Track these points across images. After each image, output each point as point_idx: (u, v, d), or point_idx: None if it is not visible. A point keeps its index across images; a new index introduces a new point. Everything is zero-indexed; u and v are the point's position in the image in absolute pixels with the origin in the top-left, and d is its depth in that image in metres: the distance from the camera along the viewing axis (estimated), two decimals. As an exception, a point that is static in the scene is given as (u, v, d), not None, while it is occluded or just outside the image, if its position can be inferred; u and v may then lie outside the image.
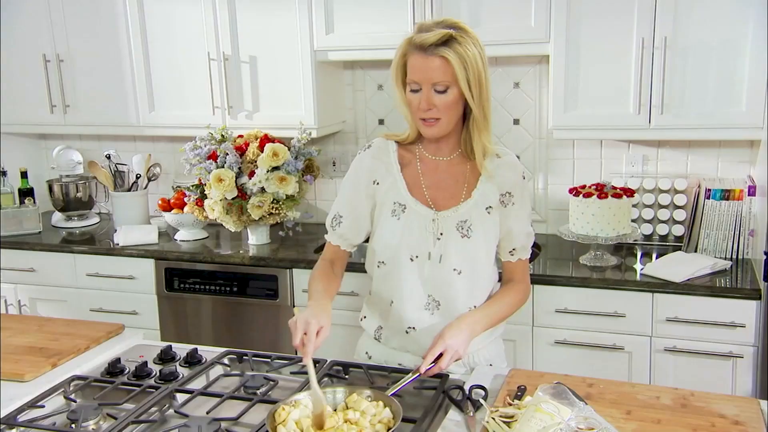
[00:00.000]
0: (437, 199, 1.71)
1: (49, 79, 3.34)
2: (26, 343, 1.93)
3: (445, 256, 1.69)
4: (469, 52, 1.56)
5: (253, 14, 2.98)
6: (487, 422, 1.41)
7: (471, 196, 1.70)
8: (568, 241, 2.72)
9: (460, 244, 1.68)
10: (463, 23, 1.60)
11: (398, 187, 1.71)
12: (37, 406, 1.59)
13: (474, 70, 1.56)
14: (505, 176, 1.71)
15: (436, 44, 1.55)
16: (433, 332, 1.69)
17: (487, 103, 1.64)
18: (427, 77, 1.58)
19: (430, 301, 1.73)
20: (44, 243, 3.25)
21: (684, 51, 2.50)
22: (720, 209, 2.64)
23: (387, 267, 1.74)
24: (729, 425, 1.40)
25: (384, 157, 1.74)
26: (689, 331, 2.41)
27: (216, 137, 3.00)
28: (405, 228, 1.70)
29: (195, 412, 1.53)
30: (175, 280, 3.03)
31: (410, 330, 1.75)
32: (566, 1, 2.58)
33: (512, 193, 1.71)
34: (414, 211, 1.69)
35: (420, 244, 1.69)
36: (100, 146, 3.67)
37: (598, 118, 2.64)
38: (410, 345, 1.77)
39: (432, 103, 1.60)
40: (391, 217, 1.71)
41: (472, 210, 1.69)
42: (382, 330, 1.81)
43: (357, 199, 1.75)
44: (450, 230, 1.69)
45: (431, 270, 1.70)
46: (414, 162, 1.73)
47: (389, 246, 1.72)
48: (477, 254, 1.70)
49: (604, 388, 1.57)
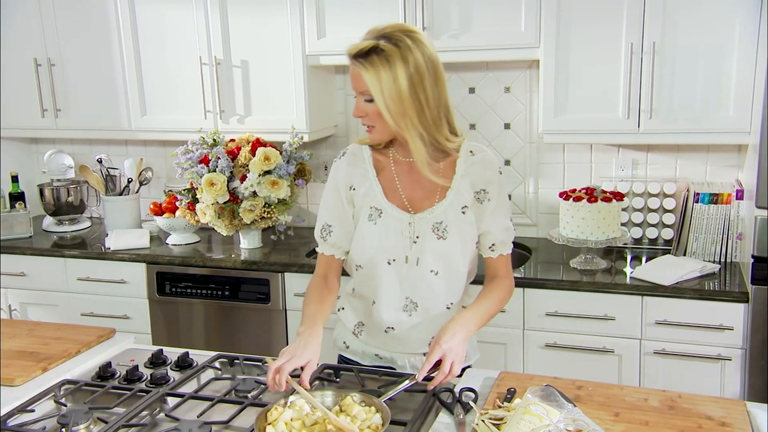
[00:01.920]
0: (414, 200, 1.71)
1: (40, 83, 3.33)
2: (16, 348, 1.92)
3: (422, 258, 1.70)
4: (389, 68, 1.53)
5: (245, 19, 2.98)
6: (476, 424, 1.41)
7: (446, 197, 1.70)
8: (559, 245, 2.73)
9: (436, 245, 1.69)
10: (410, 30, 1.59)
11: (375, 192, 1.72)
12: (27, 410, 1.58)
13: (389, 86, 1.54)
14: (478, 173, 1.70)
15: (356, 56, 1.56)
16: (412, 332, 1.74)
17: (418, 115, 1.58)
18: (357, 86, 1.60)
19: (408, 303, 1.75)
20: (35, 247, 3.24)
21: (672, 56, 2.52)
22: (708, 213, 2.66)
23: (365, 270, 1.76)
24: (716, 426, 1.41)
25: (359, 162, 1.74)
26: (678, 334, 2.43)
27: (208, 141, 3.00)
28: (381, 233, 1.71)
29: (186, 416, 1.52)
30: (167, 284, 3.03)
31: (389, 330, 1.78)
32: (556, 6, 2.59)
33: (487, 189, 1.71)
34: (390, 216, 1.70)
35: (397, 248, 1.71)
36: (91, 150, 3.66)
37: (588, 123, 2.66)
38: (389, 344, 1.80)
39: (363, 111, 1.62)
40: (368, 221, 1.72)
41: (448, 211, 1.69)
42: (363, 326, 1.83)
43: (341, 206, 1.76)
44: (426, 233, 1.69)
45: (408, 273, 1.72)
46: (389, 166, 1.74)
47: (367, 251, 1.73)
48: (452, 254, 1.71)
49: (592, 391, 1.58)
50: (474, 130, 3.13)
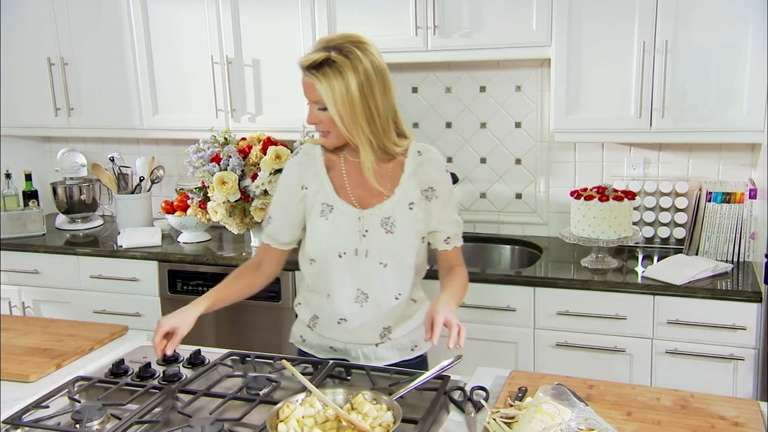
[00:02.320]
0: (362, 198, 1.80)
1: (53, 82, 3.36)
2: (31, 344, 1.95)
3: (371, 251, 1.78)
4: (341, 78, 1.62)
5: (257, 18, 3.00)
6: (488, 423, 1.42)
7: (394, 194, 1.79)
8: (570, 244, 2.73)
9: (385, 239, 1.78)
10: (359, 40, 1.67)
11: (326, 189, 1.80)
12: (41, 406, 1.60)
13: (342, 95, 1.63)
14: (426, 172, 1.80)
15: (309, 67, 1.64)
16: (363, 323, 1.83)
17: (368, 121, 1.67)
18: (309, 96, 1.69)
19: (359, 294, 1.82)
20: (48, 245, 3.27)
21: (685, 54, 2.51)
22: (721, 212, 2.65)
23: (318, 264, 1.83)
24: (729, 426, 1.41)
25: (311, 162, 1.83)
26: (690, 334, 2.42)
27: (219, 140, 3.01)
28: (333, 227, 1.79)
29: (198, 413, 1.54)
30: (178, 282, 3.05)
31: (342, 321, 1.85)
32: (568, 4, 2.59)
33: (435, 188, 1.80)
34: (341, 211, 1.79)
35: (347, 241, 1.79)
36: (103, 149, 3.69)
37: (600, 121, 2.65)
38: (342, 335, 1.87)
39: (317, 119, 1.71)
40: (320, 217, 1.80)
41: (395, 207, 1.78)
42: (317, 320, 1.91)
43: (284, 203, 1.85)
44: (375, 227, 1.78)
45: (359, 265, 1.80)
46: (339, 165, 1.82)
47: (319, 245, 1.81)
48: (400, 248, 1.80)
49: (604, 390, 1.58)
50: (485, 128, 3.13)
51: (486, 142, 3.14)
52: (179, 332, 1.70)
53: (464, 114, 3.14)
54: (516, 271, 2.79)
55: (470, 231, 3.23)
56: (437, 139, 3.19)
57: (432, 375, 1.61)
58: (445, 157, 3.15)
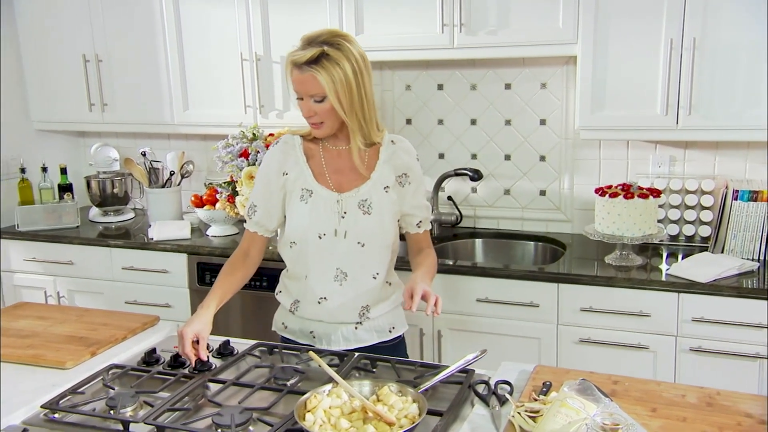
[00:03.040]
0: (341, 183, 1.91)
1: (88, 79, 3.42)
2: (67, 333, 2.00)
3: (349, 231, 1.89)
4: (339, 68, 1.75)
5: (285, 16, 3.03)
6: (512, 416, 1.42)
7: (370, 178, 1.91)
8: (594, 241, 2.72)
9: (362, 220, 1.89)
10: (342, 34, 1.80)
11: (305, 175, 1.91)
12: (77, 392, 1.65)
13: (342, 83, 1.76)
14: (399, 159, 1.94)
15: (307, 62, 1.75)
16: (342, 302, 1.93)
17: (361, 108, 1.82)
18: (305, 90, 1.79)
19: (338, 273, 1.92)
20: (82, 237, 3.33)
21: (713, 52, 2.49)
22: (747, 210, 2.63)
23: (298, 246, 1.93)
24: (755, 425, 1.39)
25: (291, 150, 1.94)
26: (715, 332, 2.41)
27: (248, 135, 3.04)
28: (312, 210, 1.89)
29: (227, 402, 1.57)
30: (207, 275, 3.09)
31: (322, 300, 1.94)
32: (594, 2, 2.58)
33: (408, 174, 1.95)
34: (320, 195, 1.89)
35: (326, 223, 1.89)
36: (135, 144, 3.75)
37: (625, 119, 2.64)
38: (322, 314, 1.96)
39: (313, 111, 1.81)
40: (300, 201, 1.90)
41: (372, 190, 1.90)
42: (298, 303, 1.99)
43: (268, 190, 1.94)
44: (353, 209, 1.89)
45: (338, 245, 1.90)
46: (318, 153, 1.93)
47: (299, 227, 1.91)
48: (377, 228, 1.91)
49: (629, 386, 1.57)
50: (509, 126, 3.13)
51: (511, 139, 3.15)
52: (203, 336, 1.78)
53: (489, 111, 3.15)
54: (539, 267, 2.79)
55: (494, 227, 3.24)
56: (462, 136, 3.20)
57: (457, 368, 1.63)
58: (469, 153, 3.19)
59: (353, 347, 1.94)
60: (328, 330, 1.96)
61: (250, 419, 1.46)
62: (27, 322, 2.09)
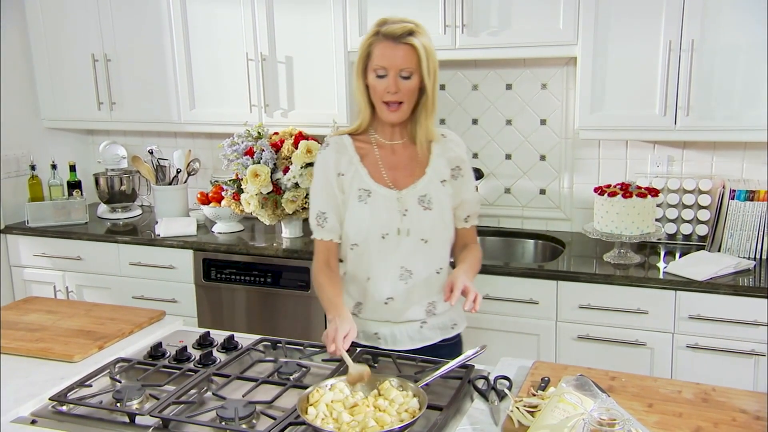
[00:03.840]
0: (397, 179, 1.88)
1: (96, 78, 3.45)
2: (75, 327, 2.04)
3: (412, 229, 1.86)
4: (429, 45, 1.76)
5: (290, 16, 3.05)
6: (511, 411, 1.44)
7: (425, 173, 1.88)
8: (593, 239, 2.75)
9: (423, 215, 1.86)
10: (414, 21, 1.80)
11: (361, 175, 1.87)
12: (85, 385, 1.67)
13: (432, 60, 1.77)
14: (453, 152, 1.91)
15: (403, 34, 1.73)
16: (409, 299, 1.89)
17: (436, 93, 1.83)
18: (395, 64, 1.75)
19: (403, 272, 1.88)
20: (90, 233, 3.37)
21: (711, 53, 2.51)
22: (744, 210, 2.65)
23: (360, 248, 1.89)
24: (750, 420, 1.40)
25: (343, 151, 1.90)
26: (711, 329, 2.43)
27: (253, 134, 3.07)
28: (373, 210, 1.85)
29: (231, 395, 1.60)
30: (212, 271, 3.12)
31: (389, 301, 1.90)
32: (594, 4, 2.60)
33: (461, 167, 1.92)
34: (378, 194, 1.86)
35: (388, 222, 1.85)
36: (143, 142, 3.78)
37: (624, 119, 2.67)
38: (389, 314, 1.92)
39: (397, 87, 1.77)
40: (359, 202, 1.86)
41: (429, 184, 1.87)
42: (362, 305, 1.95)
43: (332, 193, 1.90)
44: (413, 205, 1.86)
45: (401, 243, 1.86)
46: (372, 151, 1.90)
47: (361, 229, 1.87)
48: (439, 223, 1.88)
49: (626, 382, 1.59)
50: (510, 125, 3.16)
51: (511, 139, 3.17)
52: (352, 336, 1.69)
53: (490, 111, 3.18)
54: (539, 265, 2.82)
55: (495, 225, 3.27)
56: (463, 135, 3.22)
57: (457, 364, 1.65)
58: (471, 153, 3.22)
59: (418, 347, 1.91)
60: (394, 330, 1.92)
61: (253, 412, 1.48)
62: (36, 316, 2.12)
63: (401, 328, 1.92)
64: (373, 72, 1.78)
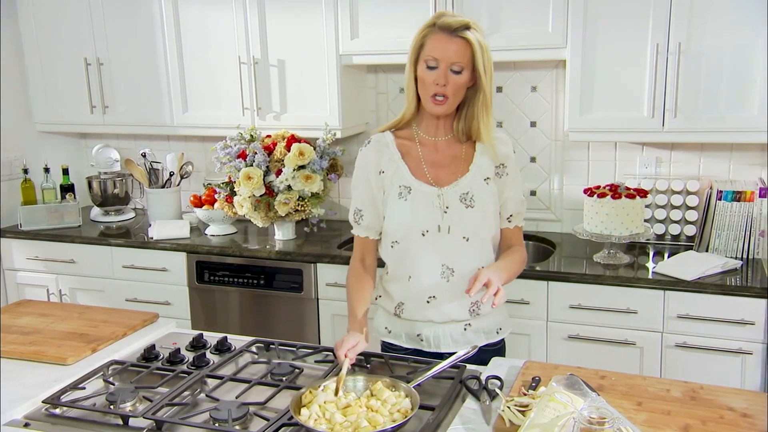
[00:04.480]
0: (439, 176, 1.86)
1: (89, 82, 3.45)
2: (68, 329, 2.03)
3: (453, 226, 1.83)
4: (483, 41, 1.75)
5: (282, 20, 3.06)
6: (502, 411, 1.45)
7: (469, 170, 1.85)
8: (583, 240, 2.76)
9: (465, 213, 1.83)
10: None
11: (402, 172, 1.85)
12: (78, 387, 1.67)
13: (487, 56, 1.75)
14: (498, 149, 1.86)
15: (459, 28, 1.72)
16: (451, 298, 1.86)
17: (492, 87, 1.80)
18: (447, 56, 1.73)
19: (444, 270, 1.85)
20: (83, 236, 3.37)
21: (698, 56, 2.54)
22: (731, 210, 2.68)
23: (401, 245, 1.87)
24: (737, 418, 1.42)
25: (384, 148, 1.89)
26: (700, 328, 2.46)
27: (245, 137, 3.08)
28: (413, 207, 1.83)
29: (225, 397, 1.60)
30: (206, 273, 3.13)
31: (431, 299, 1.87)
32: (583, 7, 2.63)
33: (506, 164, 1.89)
34: (419, 191, 1.84)
35: (429, 219, 1.83)
36: (136, 145, 3.78)
37: (613, 121, 2.69)
38: (432, 314, 1.89)
39: (446, 80, 1.74)
40: (399, 199, 1.85)
41: (472, 182, 1.85)
42: (404, 305, 1.91)
43: (369, 191, 1.89)
44: (454, 202, 1.83)
45: (442, 241, 1.84)
46: (414, 147, 1.88)
47: (401, 226, 1.85)
48: (480, 221, 1.85)
49: (616, 381, 1.60)
50: (501, 128, 3.17)
51: (503, 140, 3.19)
52: (359, 349, 1.72)
53: (482, 113, 3.20)
54: (530, 265, 2.82)
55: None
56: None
57: (448, 364, 1.66)
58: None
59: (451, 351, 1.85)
60: (437, 331, 1.88)
61: (246, 414, 1.49)
62: (29, 319, 2.12)
63: (444, 329, 1.89)
64: (423, 63, 1.76)
